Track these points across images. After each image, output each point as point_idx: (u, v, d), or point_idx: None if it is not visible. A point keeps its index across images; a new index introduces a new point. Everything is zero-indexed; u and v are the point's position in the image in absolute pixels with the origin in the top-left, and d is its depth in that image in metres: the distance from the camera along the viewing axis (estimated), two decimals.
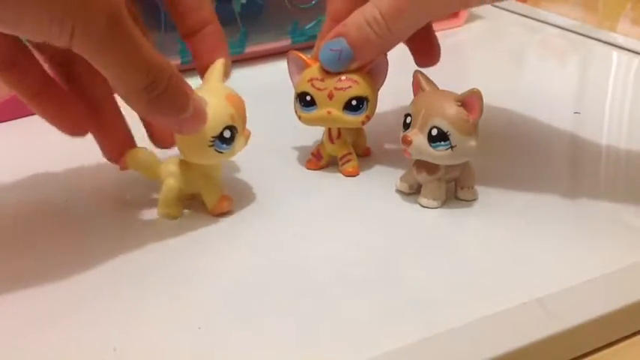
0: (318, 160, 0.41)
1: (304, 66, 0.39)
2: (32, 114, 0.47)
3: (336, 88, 0.38)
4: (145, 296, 0.32)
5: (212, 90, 0.35)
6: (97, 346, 0.29)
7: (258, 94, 0.36)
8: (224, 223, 0.36)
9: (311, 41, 0.57)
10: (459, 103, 0.36)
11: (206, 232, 0.36)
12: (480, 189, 0.39)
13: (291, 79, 0.40)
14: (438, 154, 0.36)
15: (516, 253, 0.35)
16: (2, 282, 0.33)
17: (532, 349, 0.29)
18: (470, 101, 0.35)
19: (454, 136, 0.35)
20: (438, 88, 0.38)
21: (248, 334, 0.30)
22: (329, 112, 0.39)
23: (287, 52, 0.40)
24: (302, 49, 0.42)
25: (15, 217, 0.38)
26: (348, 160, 0.41)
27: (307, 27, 0.57)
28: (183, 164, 0.36)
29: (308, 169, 0.41)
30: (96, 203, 0.39)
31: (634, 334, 0.32)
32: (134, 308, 0.31)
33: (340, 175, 0.41)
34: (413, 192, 0.38)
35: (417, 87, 0.38)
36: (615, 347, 0.31)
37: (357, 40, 0.37)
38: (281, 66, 0.40)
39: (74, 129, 0.37)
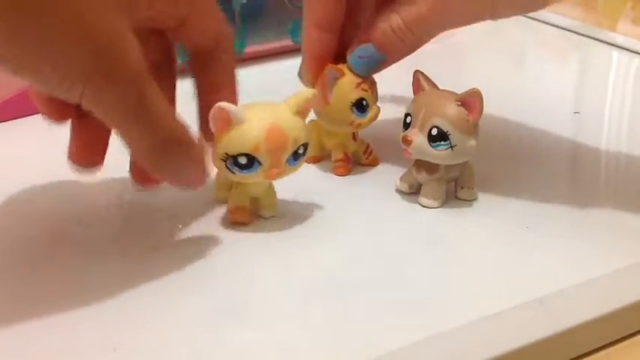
0: (348, 163, 0.41)
1: (339, 76, 0.39)
2: (32, 114, 0.48)
3: (372, 88, 0.39)
4: (145, 296, 0.32)
5: (267, 110, 0.34)
6: (97, 346, 0.29)
7: (258, 94, 0.36)
8: (223, 223, 0.36)
9: None
10: (459, 103, 0.36)
11: (206, 233, 0.36)
12: (479, 189, 0.39)
13: (325, 94, 0.39)
14: (438, 154, 0.36)
15: (516, 253, 0.35)
16: (3, 282, 0.33)
17: (532, 349, 0.29)
18: (470, 101, 0.35)
19: (454, 136, 0.35)
20: (438, 88, 0.38)
21: (248, 334, 0.30)
22: (377, 111, 0.40)
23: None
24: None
25: (15, 217, 0.38)
26: (371, 151, 0.42)
27: None
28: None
29: (340, 175, 0.41)
30: (96, 203, 0.39)
31: (634, 334, 0.32)
32: (134, 308, 0.31)
33: (338, 175, 0.41)
34: (413, 192, 0.38)
35: (416, 86, 0.38)
36: (615, 347, 0.31)
37: (384, 44, 0.38)
38: (281, 66, 0.40)
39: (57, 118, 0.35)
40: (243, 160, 0.33)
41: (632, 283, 0.32)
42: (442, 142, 0.35)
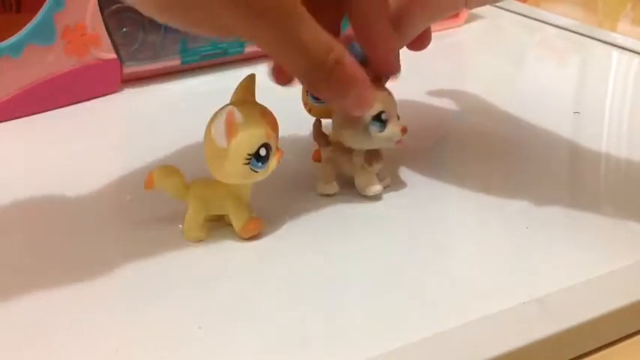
0: None
1: None
2: (32, 114, 0.48)
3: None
4: (146, 297, 0.32)
5: (247, 105, 0.34)
6: (99, 347, 0.29)
7: (258, 93, 0.36)
8: (223, 225, 0.36)
9: None
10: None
11: (206, 234, 0.36)
12: (479, 189, 0.39)
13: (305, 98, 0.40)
14: None
15: (516, 253, 0.35)
16: (4, 283, 0.33)
17: (532, 349, 0.29)
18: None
19: None
20: None
21: (248, 334, 0.30)
22: None
23: None
24: None
25: (15, 218, 0.38)
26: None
27: None
28: (211, 185, 0.35)
29: None
30: (96, 204, 0.39)
31: (634, 334, 0.32)
32: (135, 309, 0.31)
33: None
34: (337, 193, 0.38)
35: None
36: (615, 347, 0.31)
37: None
38: None
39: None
40: (263, 152, 0.33)
41: (632, 283, 0.33)
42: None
